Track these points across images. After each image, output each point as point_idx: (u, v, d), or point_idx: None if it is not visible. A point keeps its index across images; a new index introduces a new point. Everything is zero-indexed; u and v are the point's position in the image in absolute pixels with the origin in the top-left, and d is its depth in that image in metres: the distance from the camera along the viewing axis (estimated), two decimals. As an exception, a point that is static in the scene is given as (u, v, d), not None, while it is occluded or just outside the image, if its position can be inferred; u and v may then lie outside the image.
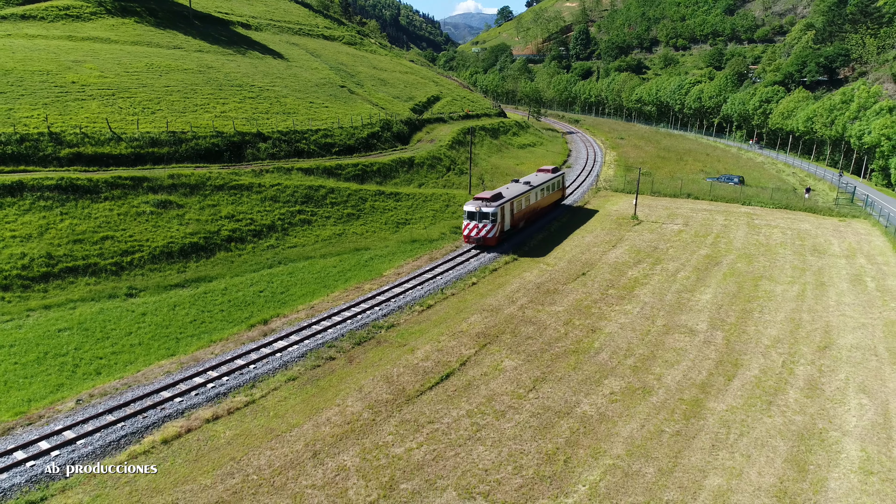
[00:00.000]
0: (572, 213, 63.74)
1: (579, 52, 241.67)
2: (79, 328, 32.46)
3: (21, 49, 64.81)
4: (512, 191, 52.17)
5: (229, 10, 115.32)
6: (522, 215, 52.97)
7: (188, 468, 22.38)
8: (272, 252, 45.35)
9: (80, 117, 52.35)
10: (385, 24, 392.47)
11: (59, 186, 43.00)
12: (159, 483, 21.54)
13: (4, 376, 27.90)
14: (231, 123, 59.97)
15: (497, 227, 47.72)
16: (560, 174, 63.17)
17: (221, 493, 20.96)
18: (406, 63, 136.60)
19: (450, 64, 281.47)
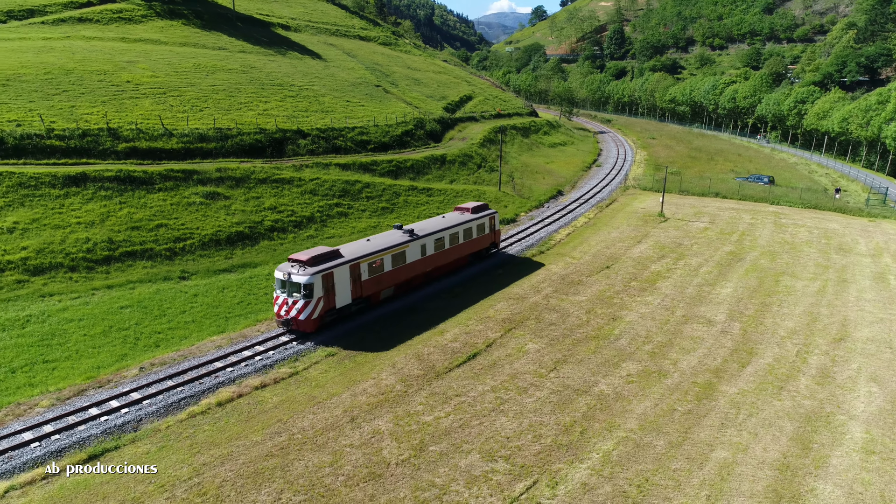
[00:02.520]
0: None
1: (613, 51, 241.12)
2: (138, 306, 35.58)
3: (80, 50, 69.07)
4: (368, 245, 36.45)
5: (270, 12, 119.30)
6: (388, 281, 37.13)
7: (240, 427, 25.04)
8: (311, 242, 48.09)
9: (135, 114, 55.99)
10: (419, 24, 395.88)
11: (117, 178, 46.46)
12: (216, 438, 24.23)
13: (76, 346, 31.07)
14: (273, 121, 63.10)
15: (316, 306, 32.31)
16: (487, 215, 45.63)
17: (270, 448, 23.54)
18: (439, 63, 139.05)
19: (483, 64, 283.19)
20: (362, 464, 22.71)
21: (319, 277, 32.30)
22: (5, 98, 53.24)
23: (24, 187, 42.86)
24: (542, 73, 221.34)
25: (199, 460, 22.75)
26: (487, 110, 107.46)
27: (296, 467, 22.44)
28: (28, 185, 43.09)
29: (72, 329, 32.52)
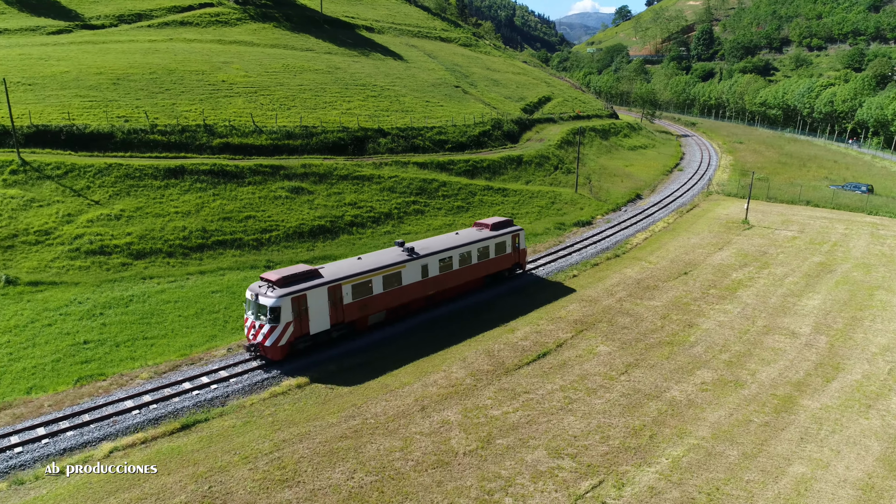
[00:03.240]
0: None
1: (700, 52, 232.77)
2: (227, 291, 37.92)
3: (181, 51, 73.82)
4: (356, 265, 32.97)
5: (355, 15, 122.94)
6: (378, 305, 33.31)
7: (318, 409, 26.40)
8: (388, 237, 49.52)
9: (229, 112, 59.39)
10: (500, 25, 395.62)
11: (211, 171, 49.54)
12: (295, 417, 25.68)
13: (172, 325, 33.56)
14: (355, 120, 65.24)
15: (283, 332, 29.19)
16: (509, 232, 40.61)
17: (345, 430, 24.72)
18: (518, 64, 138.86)
19: (563, 65, 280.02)
20: (431, 451, 23.48)
21: (289, 300, 28.97)
22: (115, 96, 57.80)
23: (130, 178, 46.48)
24: (624, 74, 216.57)
25: (280, 436, 24.20)
26: (566, 112, 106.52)
27: (368, 450, 23.48)
28: (133, 177, 46.69)
29: (168, 309, 35.12)
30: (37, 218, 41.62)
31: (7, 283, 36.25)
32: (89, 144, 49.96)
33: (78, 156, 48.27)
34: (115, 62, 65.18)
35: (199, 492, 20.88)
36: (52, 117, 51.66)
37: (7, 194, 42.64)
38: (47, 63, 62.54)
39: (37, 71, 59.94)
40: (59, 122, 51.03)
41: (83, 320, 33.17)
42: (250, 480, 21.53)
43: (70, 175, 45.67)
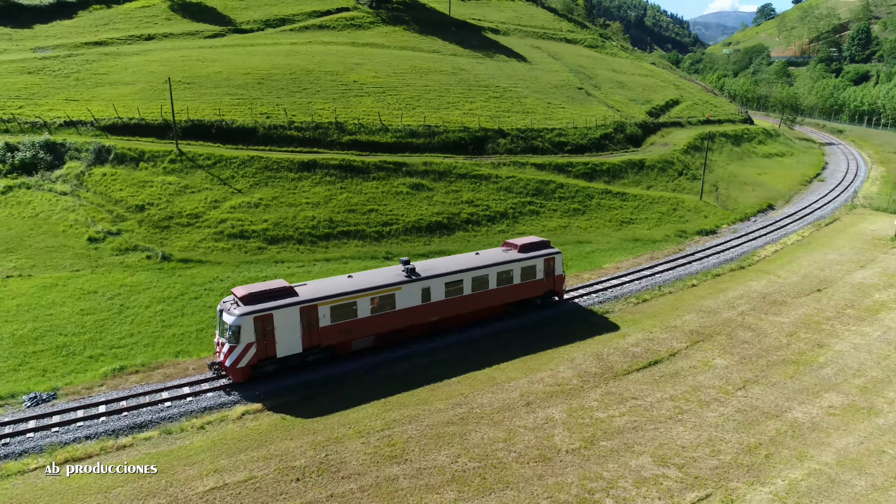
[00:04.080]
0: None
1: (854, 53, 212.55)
2: (349, 279, 40.36)
3: (318, 53, 78.84)
4: (342, 284, 30.26)
5: (482, 17, 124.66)
6: (364, 329, 30.39)
7: (427, 394, 27.65)
8: (503, 236, 50.22)
9: (358, 110, 62.77)
10: (629, 26, 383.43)
11: (340, 166, 52.74)
12: (405, 400, 27.09)
13: (298, 306, 36.31)
14: (476, 120, 66.52)
15: (244, 353, 27.18)
16: (541, 255, 36.12)
17: (451, 417, 25.74)
18: (646, 66, 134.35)
19: (695, 67, 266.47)
20: (533, 445, 23.89)
21: (251, 319, 26.92)
22: (259, 94, 62.97)
23: (268, 170, 50.61)
24: (762, 76, 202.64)
25: (391, 416, 25.66)
26: (695, 116, 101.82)
27: (472, 437, 24.32)
28: (272, 168, 50.78)
29: (296, 292, 37.99)
30: (189, 203, 46.48)
31: (163, 259, 40.90)
32: (235, 138, 54.93)
33: (225, 148, 53.25)
34: (260, 63, 70.92)
35: (317, 458, 22.71)
36: (205, 113, 57.31)
37: (166, 181, 47.97)
38: (203, 64, 69.27)
39: (195, 71, 66.61)
40: (211, 117, 56.54)
41: (224, 296, 36.71)
42: (362, 453, 23.08)
43: (218, 165, 50.49)
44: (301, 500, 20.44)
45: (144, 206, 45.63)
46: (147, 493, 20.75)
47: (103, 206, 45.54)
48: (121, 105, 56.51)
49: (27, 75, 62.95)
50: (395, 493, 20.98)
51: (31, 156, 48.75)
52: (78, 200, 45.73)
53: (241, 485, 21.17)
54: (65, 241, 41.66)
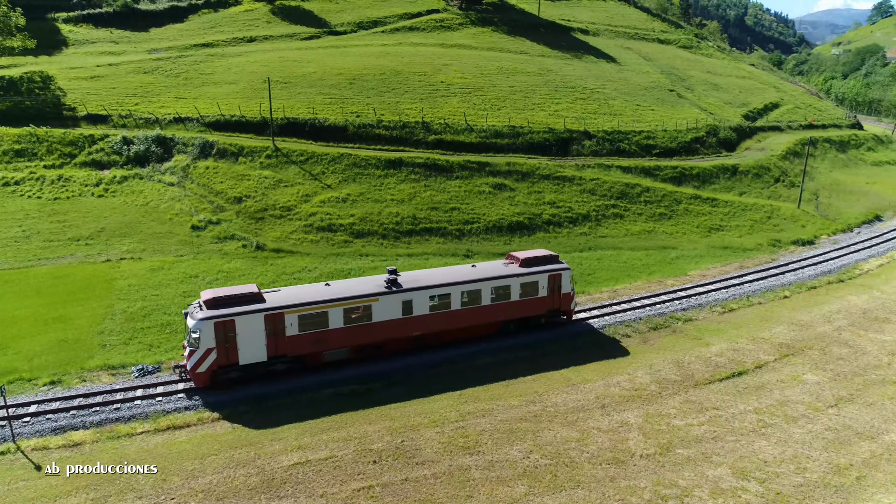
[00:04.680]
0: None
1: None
2: (429, 274, 41.33)
3: (407, 55, 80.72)
4: (316, 292, 29.37)
5: (571, 18, 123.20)
6: (337, 341, 29.16)
7: (501, 390, 28.06)
8: (584, 238, 49.77)
9: (444, 111, 63.87)
10: (727, 25, 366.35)
11: (425, 164, 53.96)
12: (480, 394, 27.59)
13: (380, 298, 37.60)
14: (562, 121, 66.08)
15: (203, 358, 26.74)
16: (545, 271, 33.29)
17: (525, 413, 26.01)
18: (744, 67, 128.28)
19: (799, 68, 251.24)
20: (607, 447, 23.78)
21: (211, 325, 26.43)
22: (351, 94, 65.33)
23: (356, 167, 52.53)
24: (876, 79, 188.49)
25: (465, 409, 26.24)
26: (796, 120, 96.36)
27: (545, 435, 24.49)
28: (360, 165, 52.67)
29: (379, 285, 39.34)
30: (282, 196, 49.02)
31: (257, 248, 43.41)
32: (327, 135, 57.36)
33: (317, 145, 55.70)
34: (352, 64, 73.49)
35: (393, 443, 23.63)
36: (299, 111, 60.13)
37: (262, 175, 50.79)
38: (299, 65, 72.60)
39: (291, 71, 69.94)
40: (305, 115, 59.28)
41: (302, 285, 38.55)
42: (437, 442, 23.78)
43: (310, 161, 52.91)
44: (377, 481, 21.37)
45: (242, 198, 48.54)
46: (237, 463, 22.33)
47: (205, 196, 48.82)
48: (224, 103, 60.26)
49: (143, 75, 68.24)
50: (466, 482, 21.53)
51: (144, 149, 52.94)
52: (183, 191, 49.25)
53: (322, 462, 22.37)
54: (171, 228, 45.03)
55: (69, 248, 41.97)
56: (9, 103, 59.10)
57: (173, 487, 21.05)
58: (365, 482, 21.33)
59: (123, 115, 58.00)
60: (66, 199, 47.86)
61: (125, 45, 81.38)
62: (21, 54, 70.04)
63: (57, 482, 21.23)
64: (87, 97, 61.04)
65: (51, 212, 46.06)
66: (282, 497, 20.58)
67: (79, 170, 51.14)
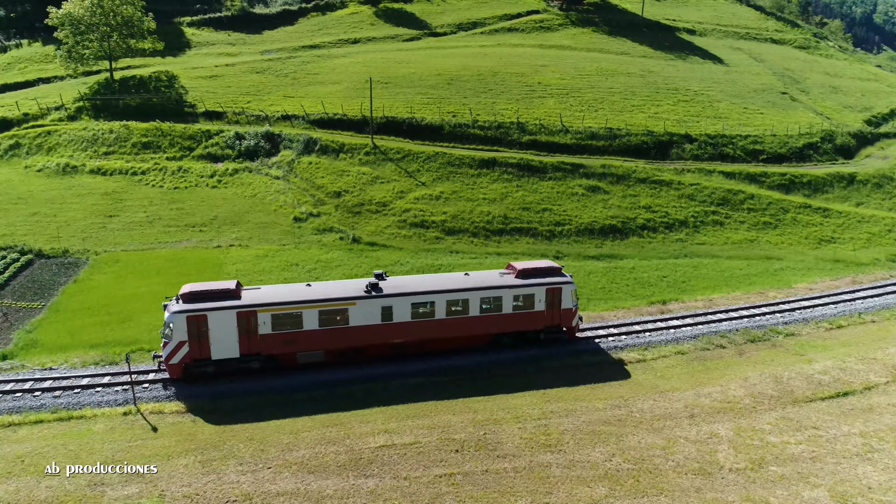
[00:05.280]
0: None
1: None
2: (518, 274, 41.56)
3: (506, 55, 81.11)
4: (293, 292, 29.23)
5: (677, 17, 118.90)
6: (311, 343, 28.91)
7: (586, 392, 27.91)
8: (680, 245, 48.22)
9: (540, 111, 63.72)
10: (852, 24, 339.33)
11: (518, 165, 54.16)
12: (564, 395, 27.61)
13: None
14: (662, 124, 64.15)
15: (175, 351, 27.25)
16: (542, 284, 31.22)
17: (609, 416, 25.77)
18: (869, 68, 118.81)
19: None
20: (694, 458, 23.15)
21: (183, 318, 26.92)
22: (448, 94, 66.55)
23: (451, 165, 53.54)
24: None
25: (548, 408, 26.33)
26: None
27: (629, 440, 24.17)
28: (454, 164, 53.64)
29: (467, 281, 40.03)
30: (378, 192, 50.82)
31: (353, 241, 45.31)
32: (423, 134, 58.80)
33: (414, 143, 57.24)
34: (451, 64, 74.78)
35: (476, 434, 24.15)
36: (398, 110, 61.99)
37: (361, 171, 52.87)
38: (400, 65, 74.74)
39: (392, 72, 72.15)
40: (403, 114, 61.04)
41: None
42: (518, 437, 24.06)
43: (406, 159, 54.48)
44: (459, 470, 21.95)
45: (341, 192, 50.77)
46: (329, 441, 23.63)
47: (307, 190, 51.46)
48: (328, 102, 63.15)
49: (255, 74, 72.70)
50: (546, 478, 21.68)
51: (254, 144, 56.48)
52: (288, 184, 52.16)
53: (407, 447, 23.23)
54: (275, 218, 47.86)
55: (185, 234, 45.60)
56: (139, 100, 64.83)
57: (270, 458, 22.60)
58: (447, 469, 21.97)
59: (237, 112, 62.11)
60: (185, 189, 51.98)
61: (241, 46, 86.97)
62: (150, 55, 76.53)
63: (169, 443, 23.36)
64: (205, 95, 65.84)
65: (171, 200, 50.21)
66: (368, 476, 21.60)
67: (196, 162, 55.37)
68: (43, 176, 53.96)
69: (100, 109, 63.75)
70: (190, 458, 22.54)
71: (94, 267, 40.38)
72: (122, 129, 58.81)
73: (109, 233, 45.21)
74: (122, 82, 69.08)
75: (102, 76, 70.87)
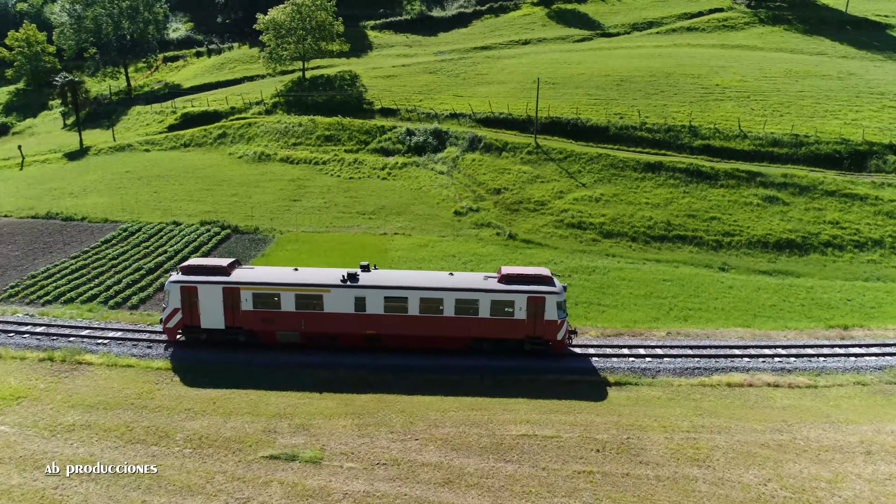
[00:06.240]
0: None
1: None
2: (677, 282, 39.79)
3: (681, 56, 77.33)
4: (276, 275, 30.85)
5: (890, 13, 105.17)
6: (288, 324, 30.36)
7: (743, 411, 26.20)
8: (872, 266, 43.05)
9: (716, 115, 60.04)
10: None
11: (686, 170, 51.61)
12: (718, 410, 26.16)
13: (622, 300, 37.50)
14: (860, 132, 57.43)
15: (171, 316, 30.49)
16: (523, 291, 29.56)
17: (767, 440, 24.00)
18: None
19: None
20: (866, 497, 20.86)
21: (178, 288, 30.17)
22: (616, 95, 65.06)
23: (613, 168, 52.45)
24: None
25: (699, 421, 25.13)
26: None
27: (789, 467, 22.37)
28: (616, 167, 52.48)
29: (622, 286, 39.16)
30: (537, 191, 51.22)
31: (509, 237, 46.20)
32: (587, 135, 58.19)
33: (576, 144, 56.85)
34: (621, 66, 72.92)
35: (619, 437, 23.78)
36: (562, 111, 61.85)
37: (522, 170, 53.62)
38: (568, 66, 74.34)
39: (559, 72, 72.01)
40: (567, 115, 60.82)
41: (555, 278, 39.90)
42: (664, 447, 23.29)
43: (568, 160, 54.28)
44: (598, 469, 21.82)
45: (501, 189, 51.90)
46: (473, 423, 24.64)
47: (469, 186, 53.26)
48: (494, 101, 64.70)
49: (428, 74, 76.41)
50: (691, 492, 20.82)
51: (423, 140, 59.56)
52: (451, 180, 54.37)
53: (548, 439, 23.52)
54: (437, 211, 50.18)
55: (356, 220, 49.42)
56: (325, 97, 71.15)
57: (418, 430, 24.09)
58: (586, 466, 21.94)
59: (409, 110, 65.84)
60: (358, 179, 56.29)
61: (417, 48, 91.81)
62: (337, 56, 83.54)
63: (331, 405, 25.79)
64: (382, 93, 70.56)
65: (346, 188, 54.66)
66: (507, 461, 22.24)
67: (370, 155, 59.66)
68: (242, 162, 61.38)
69: (291, 105, 70.98)
70: (348, 420, 24.74)
71: (279, 244, 45.24)
72: (309, 122, 64.99)
73: (293, 215, 50.32)
74: (312, 80, 76.20)
75: (296, 75, 78.74)
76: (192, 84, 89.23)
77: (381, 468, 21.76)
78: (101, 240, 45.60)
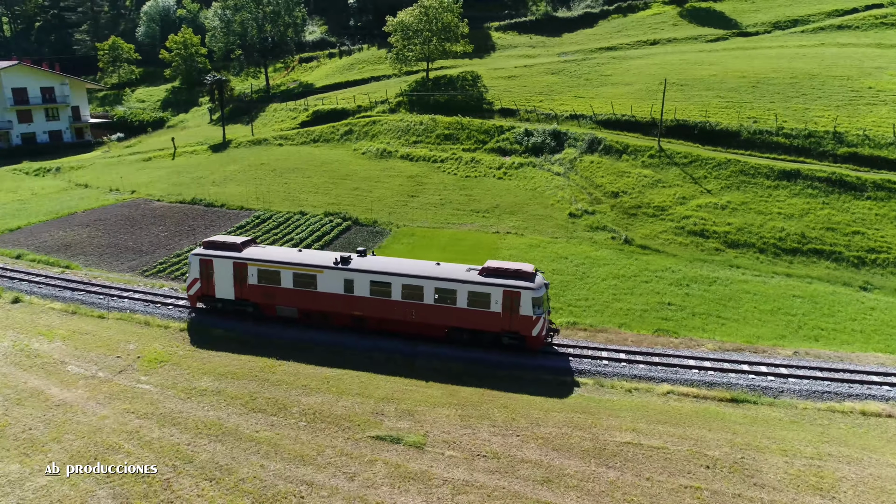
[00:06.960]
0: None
1: None
2: (809, 300, 36.83)
3: (829, 56, 71.09)
4: (282, 254, 34.09)
5: None
6: (286, 299, 33.25)
7: (877, 442, 23.86)
8: None
9: (866, 120, 54.71)
10: None
11: (828, 179, 47.54)
12: (847, 439, 23.98)
13: (745, 313, 35.30)
14: None
15: (191, 285, 34.57)
16: (500, 285, 29.73)
17: (907, 477, 21.72)
18: None
19: None
20: None
21: (197, 260, 33.91)
22: (751, 98, 61.10)
23: (743, 174, 49.40)
24: None
25: (825, 449, 23.13)
26: None
27: (931, 510, 20.14)
28: (747, 173, 49.38)
29: (746, 299, 36.86)
30: (658, 196, 49.32)
31: (624, 242, 44.90)
32: (715, 139, 55.15)
33: (703, 149, 54.08)
34: (758, 66, 68.33)
35: (732, 456, 22.50)
36: (690, 114, 59.03)
37: (642, 173, 51.86)
38: (699, 67, 70.76)
39: (689, 73, 68.74)
40: (695, 118, 57.98)
41: (672, 286, 38.35)
42: (783, 471, 21.74)
43: (693, 165, 51.80)
44: (707, 486, 20.79)
45: (619, 193, 50.51)
46: (575, 426, 24.34)
47: (585, 188, 52.31)
48: (617, 103, 62.99)
49: (550, 75, 75.77)
50: (811, 522, 19.35)
51: (541, 141, 59.23)
52: (567, 181, 53.68)
53: (654, 450, 22.73)
54: (551, 212, 49.75)
55: (470, 218, 50.14)
56: (446, 97, 72.67)
57: (519, 427, 24.18)
58: (693, 482, 20.98)
59: (528, 111, 65.69)
60: (474, 178, 57.03)
61: (540, 49, 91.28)
62: (460, 57, 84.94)
63: (436, 394, 26.48)
64: (502, 94, 70.90)
65: (461, 187, 55.56)
66: (610, 467, 21.76)
67: (486, 154, 60.22)
68: (365, 158, 64.16)
69: (414, 104, 73.15)
70: (451, 410, 25.31)
71: (395, 237, 46.91)
72: (430, 121, 66.68)
73: (409, 210, 51.95)
74: (435, 81, 78.06)
75: (420, 75, 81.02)
76: (323, 83, 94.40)
77: (481, 459, 22.08)
78: (237, 225, 49.58)
